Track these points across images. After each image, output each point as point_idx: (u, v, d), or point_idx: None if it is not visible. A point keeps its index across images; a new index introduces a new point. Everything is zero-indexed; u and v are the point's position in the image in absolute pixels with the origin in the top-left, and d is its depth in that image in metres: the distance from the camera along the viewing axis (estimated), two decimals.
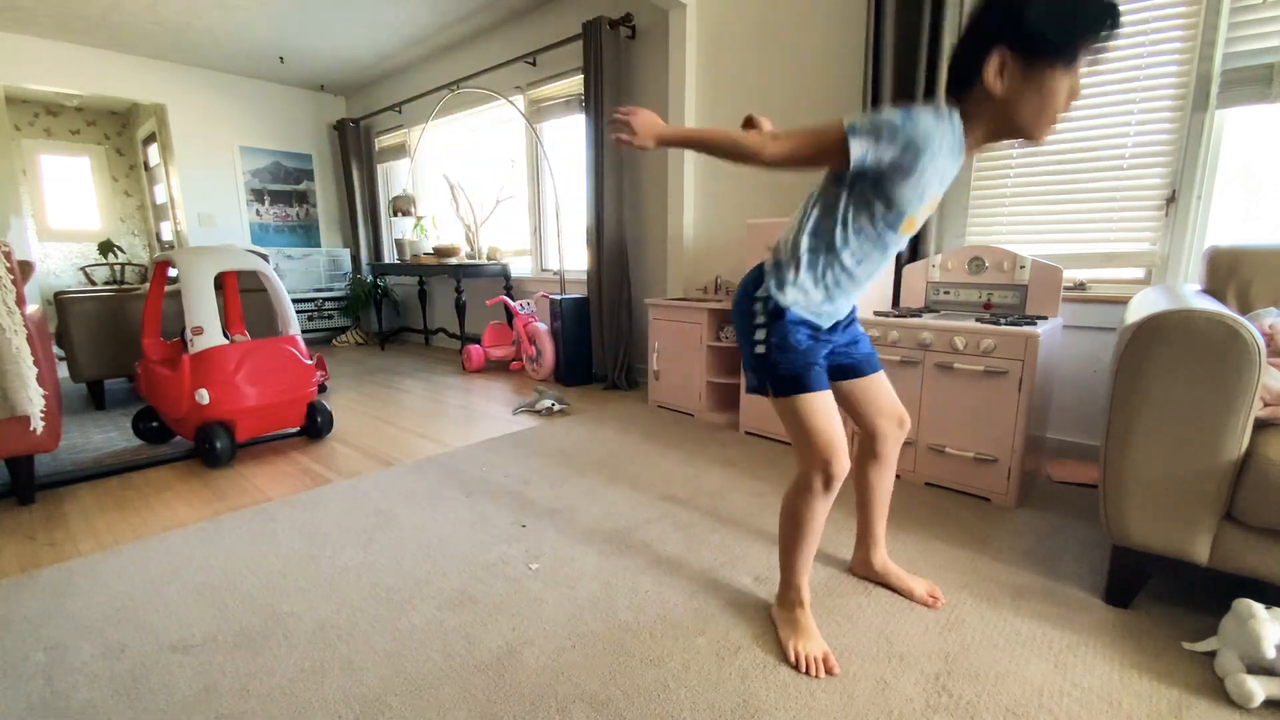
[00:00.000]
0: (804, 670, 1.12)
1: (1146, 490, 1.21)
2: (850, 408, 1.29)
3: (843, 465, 1.11)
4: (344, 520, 1.78)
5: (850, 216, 1.05)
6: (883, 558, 1.40)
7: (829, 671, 1.11)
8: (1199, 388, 1.12)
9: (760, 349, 1.13)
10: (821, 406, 1.11)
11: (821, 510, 1.16)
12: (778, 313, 1.11)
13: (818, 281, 1.11)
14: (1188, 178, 1.93)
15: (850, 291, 1.13)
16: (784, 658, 1.16)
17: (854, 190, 1.03)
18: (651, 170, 3.42)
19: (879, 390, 1.28)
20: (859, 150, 0.94)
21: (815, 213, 1.09)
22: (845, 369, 1.25)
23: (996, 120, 0.99)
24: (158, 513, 1.87)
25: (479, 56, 4.35)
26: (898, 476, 2.07)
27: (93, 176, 6.43)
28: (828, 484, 1.12)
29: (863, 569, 1.43)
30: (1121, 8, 1.95)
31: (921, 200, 1.03)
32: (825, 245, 1.08)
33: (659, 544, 1.62)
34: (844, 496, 1.77)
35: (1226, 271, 1.70)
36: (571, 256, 4.02)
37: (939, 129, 0.95)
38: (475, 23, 4.13)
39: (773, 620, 1.26)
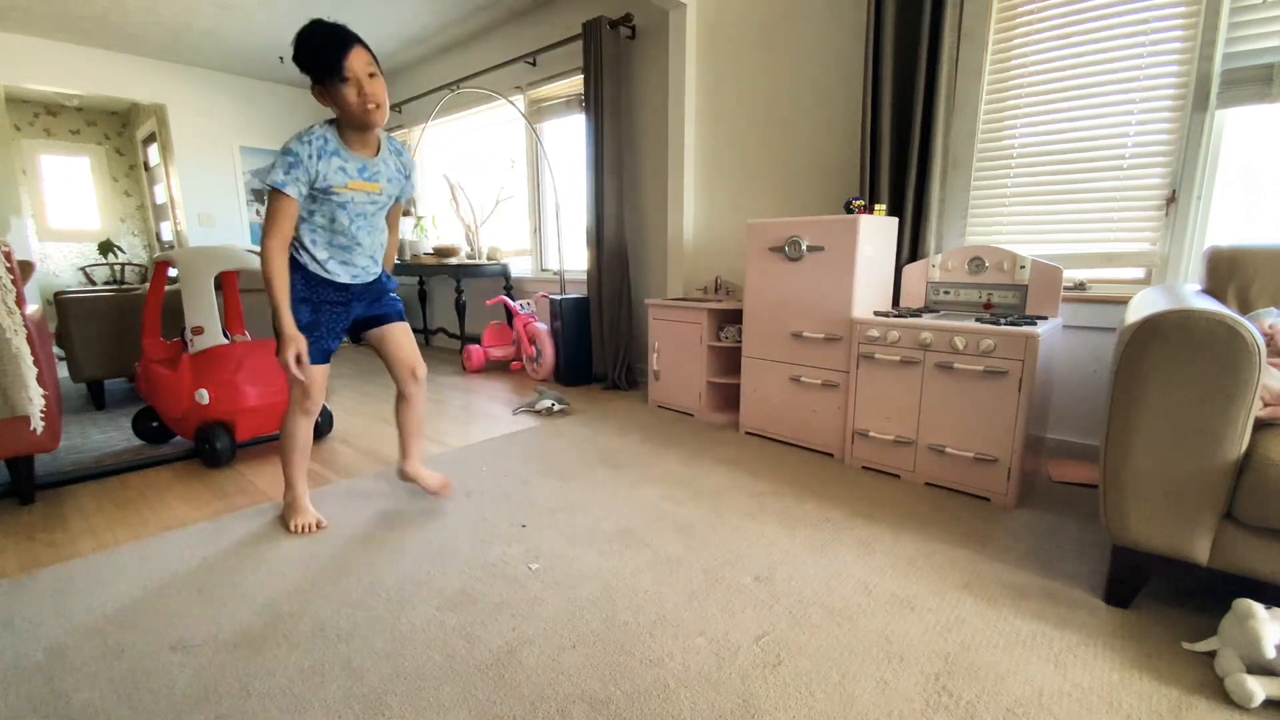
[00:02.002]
0: (301, 532, 1.68)
1: (1146, 490, 1.21)
2: (380, 356, 1.80)
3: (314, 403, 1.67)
4: (344, 520, 1.78)
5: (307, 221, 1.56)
6: (414, 466, 1.89)
7: (319, 527, 1.71)
8: (1199, 388, 1.12)
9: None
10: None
11: (305, 428, 1.70)
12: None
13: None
14: (1188, 178, 1.93)
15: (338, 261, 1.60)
16: (287, 531, 1.69)
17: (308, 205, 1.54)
18: (651, 170, 3.43)
19: (396, 343, 1.77)
20: (287, 189, 1.44)
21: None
22: (368, 320, 1.75)
23: (341, 119, 1.49)
24: (158, 513, 1.87)
25: (479, 56, 4.35)
26: (896, 475, 2.07)
27: (93, 176, 6.43)
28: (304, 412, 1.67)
29: (400, 475, 1.92)
30: (1122, 8, 1.97)
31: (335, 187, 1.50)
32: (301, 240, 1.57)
33: (659, 544, 1.62)
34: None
35: (1226, 271, 1.70)
36: (571, 256, 4.02)
37: (303, 147, 1.44)
38: (475, 23, 4.13)
39: (283, 518, 1.74)
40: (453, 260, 4.29)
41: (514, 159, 4.38)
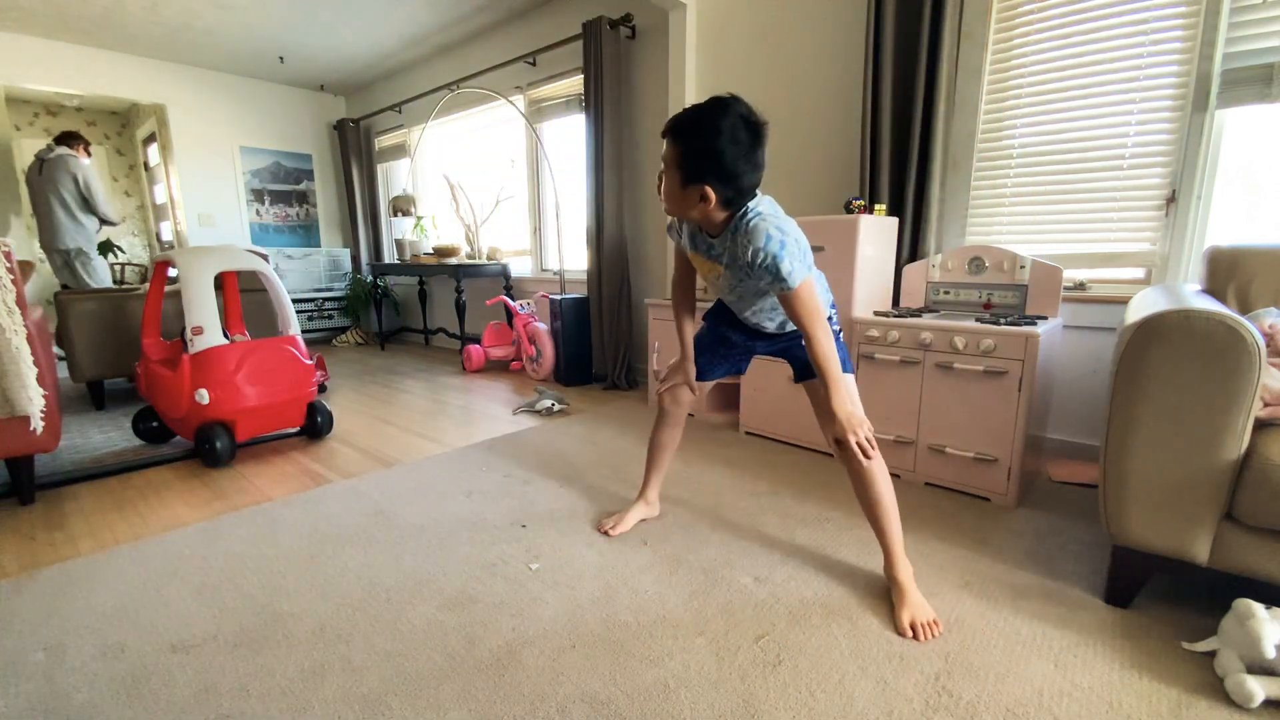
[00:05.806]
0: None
1: (1146, 490, 1.21)
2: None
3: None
4: (344, 520, 1.78)
5: None
6: (892, 570, 1.34)
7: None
8: (1199, 388, 1.12)
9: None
10: None
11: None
12: None
13: None
14: (1188, 178, 1.93)
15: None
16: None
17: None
18: (651, 170, 3.42)
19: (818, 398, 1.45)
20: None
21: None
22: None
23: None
24: (158, 513, 1.87)
25: (479, 56, 4.35)
26: (897, 476, 2.07)
27: None
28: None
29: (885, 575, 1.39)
30: (1122, 8, 1.97)
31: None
32: None
33: (659, 544, 1.62)
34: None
35: (1226, 271, 1.70)
36: (571, 256, 4.02)
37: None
38: (475, 23, 4.13)
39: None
40: (453, 260, 4.29)
41: (514, 159, 4.38)
